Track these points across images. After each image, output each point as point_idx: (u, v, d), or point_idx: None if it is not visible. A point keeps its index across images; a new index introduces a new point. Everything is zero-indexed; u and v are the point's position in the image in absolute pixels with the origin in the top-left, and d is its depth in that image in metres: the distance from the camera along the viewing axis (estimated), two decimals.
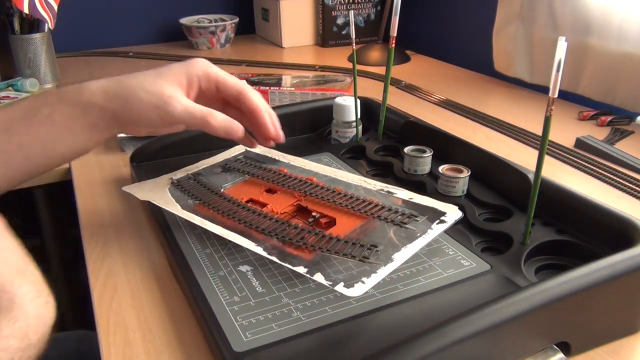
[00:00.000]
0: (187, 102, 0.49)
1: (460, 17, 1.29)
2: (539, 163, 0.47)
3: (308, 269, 0.43)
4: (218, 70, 0.52)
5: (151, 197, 0.55)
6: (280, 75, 1.07)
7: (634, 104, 0.84)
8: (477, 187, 0.58)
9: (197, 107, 0.49)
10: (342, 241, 0.46)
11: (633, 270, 0.40)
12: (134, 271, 0.51)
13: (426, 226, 0.48)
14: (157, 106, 0.48)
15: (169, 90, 0.48)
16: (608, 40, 0.86)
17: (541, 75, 1.00)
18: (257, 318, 0.41)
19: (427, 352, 0.33)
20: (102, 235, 0.57)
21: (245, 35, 1.52)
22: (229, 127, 0.50)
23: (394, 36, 0.63)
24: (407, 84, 1.08)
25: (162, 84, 0.49)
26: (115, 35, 1.43)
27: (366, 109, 0.74)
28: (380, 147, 0.70)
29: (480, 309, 0.36)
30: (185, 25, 1.38)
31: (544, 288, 0.37)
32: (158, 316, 0.45)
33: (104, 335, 0.43)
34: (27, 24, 1.03)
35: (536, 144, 0.78)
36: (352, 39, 0.66)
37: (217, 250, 0.49)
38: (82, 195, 0.66)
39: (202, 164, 0.63)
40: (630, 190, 0.65)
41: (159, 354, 0.41)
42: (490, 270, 0.46)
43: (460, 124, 0.88)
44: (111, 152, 0.78)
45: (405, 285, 0.44)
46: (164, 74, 0.50)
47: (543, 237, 0.49)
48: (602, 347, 0.42)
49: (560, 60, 0.41)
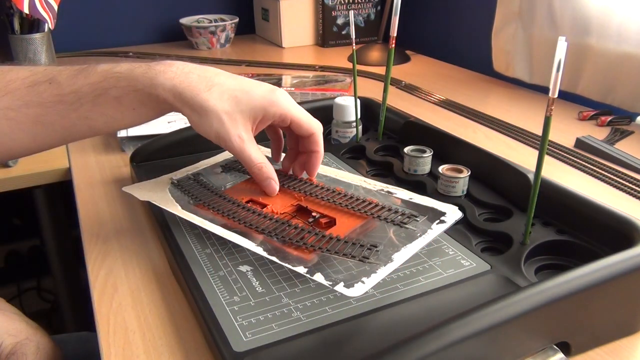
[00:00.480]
0: (248, 146, 0.50)
1: (460, 17, 1.29)
2: (539, 163, 0.47)
3: (308, 269, 0.43)
4: (297, 111, 0.52)
5: (151, 197, 0.55)
6: (280, 75, 1.07)
7: (633, 104, 0.84)
8: (477, 187, 0.58)
9: (253, 157, 0.51)
10: (342, 241, 0.46)
11: (633, 270, 0.40)
12: (134, 271, 0.51)
13: (426, 226, 0.48)
14: (219, 136, 0.50)
15: (239, 127, 0.50)
16: (607, 40, 0.86)
17: (540, 76, 1.00)
18: (257, 318, 0.41)
19: (427, 352, 0.33)
20: (102, 235, 0.57)
21: (245, 35, 1.52)
22: (267, 186, 0.53)
23: (394, 36, 0.63)
24: (407, 84, 1.08)
25: (236, 116, 0.49)
26: (115, 35, 1.43)
27: (366, 109, 0.74)
28: (380, 147, 0.70)
29: (480, 309, 0.36)
30: (185, 25, 1.38)
31: (544, 288, 0.37)
32: (158, 316, 0.45)
33: (104, 335, 0.43)
34: (27, 24, 1.03)
35: (536, 144, 0.78)
36: (352, 39, 0.66)
37: (217, 250, 0.49)
38: (82, 195, 0.66)
39: (202, 164, 0.63)
40: (630, 190, 0.65)
41: (159, 354, 0.41)
42: (490, 270, 0.46)
43: (460, 124, 0.88)
44: (111, 152, 0.78)
45: (405, 285, 0.44)
46: (243, 104, 0.49)
47: (543, 237, 0.49)
48: (602, 347, 0.42)
49: (561, 60, 0.41)
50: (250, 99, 0.50)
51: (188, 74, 0.49)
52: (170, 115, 0.85)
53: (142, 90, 0.48)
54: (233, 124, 0.49)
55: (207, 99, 0.48)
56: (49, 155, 0.79)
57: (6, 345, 0.52)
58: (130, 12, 1.43)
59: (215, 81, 0.49)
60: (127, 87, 0.48)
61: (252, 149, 0.51)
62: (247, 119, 0.50)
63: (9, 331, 0.53)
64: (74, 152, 0.79)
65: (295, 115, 0.52)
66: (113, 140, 0.81)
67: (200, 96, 0.48)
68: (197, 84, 0.49)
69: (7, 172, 0.75)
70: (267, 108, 0.50)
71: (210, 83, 0.49)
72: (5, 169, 0.76)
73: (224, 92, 0.49)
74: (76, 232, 0.60)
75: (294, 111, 0.52)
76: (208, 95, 0.48)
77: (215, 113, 0.48)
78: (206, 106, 0.48)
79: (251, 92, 0.50)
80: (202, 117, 0.49)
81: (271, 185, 0.53)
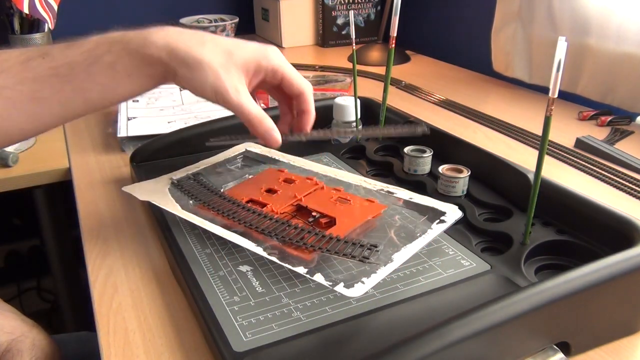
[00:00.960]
0: (245, 99, 0.50)
1: (460, 17, 1.29)
2: (539, 163, 0.47)
3: (308, 269, 0.43)
4: (288, 67, 0.53)
5: (151, 197, 0.55)
6: None
7: (633, 104, 0.84)
8: (477, 187, 0.58)
9: (251, 109, 0.50)
10: (342, 241, 0.46)
11: (633, 270, 0.40)
12: (134, 271, 0.51)
13: (426, 226, 0.48)
14: (216, 90, 0.49)
15: (234, 79, 0.49)
16: (607, 40, 0.86)
17: (540, 76, 1.00)
18: (257, 318, 0.41)
19: (427, 352, 0.33)
20: (102, 235, 0.57)
21: (245, 35, 1.52)
22: (269, 137, 0.51)
23: (394, 36, 0.63)
24: (407, 84, 1.08)
25: (230, 68, 0.49)
26: None
27: (366, 109, 0.74)
28: (380, 147, 0.70)
29: (480, 309, 0.36)
30: (186, 25, 1.38)
31: (544, 288, 0.37)
32: (158, 316, 0.45)
33: (104, 335, 0.43)
34: (27, 24, 1.03)
35: (536, 144, 0.78)
36: (352, 39, 0.66)
37: (217, 250, 0.49)
38: (82, 195, 0.66)
39: (202, 164, 0.63)
40: (630, 190, 0.65)
41: (159, 354, 0.41)
42: (490, 270, 0.46)
43: (460, 124, 0.88)
44: (111, 152, 0.78)
45: (405, 285, 0.44)
46: (236, 56, 0.50)
47: (543, 237, 0.49)
48: (602, 347, 0.42)
49: (560, 60, 0.41)
50: (244, 51, 0.50)
51: (181, 32, 0.49)
52: (170, 115, 0.85)
53: (136, 51, 0.47)
54: (229, 77, 0.49)
55: (201, 52, 0.48)
56: (49, 155, 0.80)
57: (1, 342, 0.52)
58: (130, 12, 1.43)
59: (207, 37, 0.50)
60: (121, 51, 0.47)
61: (250, 102, 0.50)
62: (242, 71, 0.50)
63: (4, 329, 0.53)
64: (74, 152, 0.79)
65: (286, 71, 0.53)
66: (113, 140, 0.81)
67: (194, 49, 0.48)
68: (189, 40, 0.49)
69: (7, 172, 0.75)
70: (260, 60, 0.51)
71: (203, 39, 0.49)
72: (5, 169, 0.76)
73: (217, 45, 0.49)
74: (76, 232, 0.60)
75: (285, 67, 0.53)
76: (202, 49, 0.48)
77: (210, 66, 0.48)
78: (200, 59, 0.48)
79: (244, 46, 0.51)
80: (197, 72, 0.48)
81: (273, 136, 0.51)
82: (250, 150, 0.66)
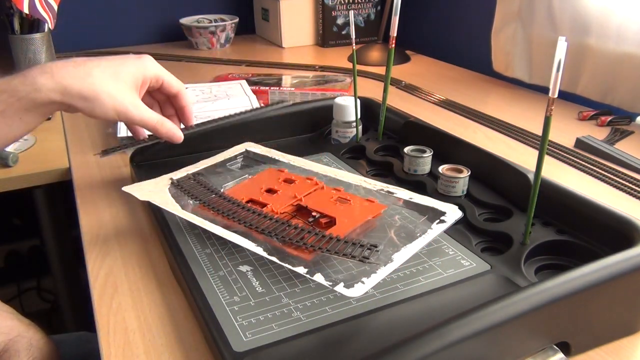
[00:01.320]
0: (144, 110, 0.55)
1: (460, 17, 1.29)
2: (539, 163, 0.47)
3: (308, 269, 0.43)
4: (165, 72, 0.60)
5: (151, 197, 0.55)
6: (280, 75, 1.07)
7: (633, 104, 0.84)
8: (477, 187, 0.58)
9: (151, 116, 0.56)
10: (342, 241, 0.46)
11: (633, 270, 0.40)
12: (134, 271, 0.51)
13: (426, 226, 0.48)
14: (118, 112, 0.53)
15: (129, 96, 0.54)
16: (607, 40, 0.86)
17: (540, 76, 1.00)
18: (257, 318, 0.41)
19: (427, 352, 0.33)
20: (102, 235, 0.57)
21: (245, 35, 1.52)
22: (172, 135, 0.59)
23: (394, 36, 0.63)
24: (407, 84, 1.08)
25: (123, 88, 0.54)
26: (115, 35, 1.43)
27: (366, 109, 0.74)
28: (380, 147, 0.70)
29: (480, 309, 0.36)
30: (185, 25, 1.38)
31: (544, 288, 0.37)
32: (158, 316, 0.45)
33: (104, 335, 0.43)
34: (27, 24, 1.03)
35: (536, 144, 0.78)
36: (352, 39, 0.66)
37: (217, 250, 0.49)
38: (82, 195, 0.66)
39: (202, 164, 0.63)
40: (630, 190, 0.65)
41: (159, 354, 0.41)
42: (490, 270, 0.46)
43: (460, 124, 0.88)
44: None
45: (405, 285, 0.44)
46: (123, 74, 0.54)
47: (543, 237, 0.49)
48: (602, 347, 0.42)
49: (560, 60, 0.41)
50: (128, 69, 0.55)
51: (63, 68, 0.51)
52: None
53: (25, 97, 0.50)
54: (124, 96, 0.53)
55: (92, 82, 0.52)
56: (49, 155, 0.80)
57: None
58: (130, 12, 1.43)
59: (92, 65, 0.53)
60: (9, 99, 0.50)
61: (148, 112, 0.56)
62: (132, 87, 0.55)
63: (0, 329, 0.53)
64: (74, 152, 0.79)
65: (165, 75, 0.60)
66: (113, 140, 0.81)
67: (86, 82, 0.51)
68: (77, 74, 0.51)
69: (7, 172, 0.75)
70: (144, 73, 0.57)
71: (88, 69, 0.52)
72: (5, 169, 0.76)
73: (103, 71, 0.53)
74: (76, 232, 0.60)
75: (163, 73, 0.60)
76: (92, 80, 0.52)
77: (106, 93, 0.52)
78: (94, 90, 0.51)
79: (125, 64, 0.55)
80: (95, 102, 0.52)
81: (175, 135, 0.59)
82: (250, 150, 0.66)
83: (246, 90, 0.92)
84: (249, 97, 0.89)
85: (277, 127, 0.75)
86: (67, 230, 0.97)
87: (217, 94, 0.91)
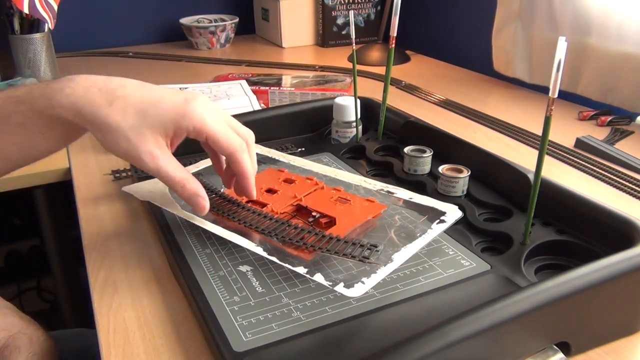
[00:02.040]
0: (164, 164, 0.45)
1: (460, 17, 1.29)
2: (539, 163, 0.47)
3: (308, 269, 0.43)
4: (214, 125, 0.46)
5: (151, 197, 0.55)
6: (280, 75, 1.07)
7: (633, 104, 0.84)
8: (477, 187, 0.58)
9: (171, 173, 0.45)
10: (342, 241, 0.46)
11: (633, 270, 0.40)
12: (134, 271, 0.51)
13: (426, 226, 0.48)
14: (128, 155, 0.45)
15: (149, 143, 0.44)
16: (607, 40, 0.86)
17: (540, 76, 1.00)
18: (257, 318, 0.41)
19: (427, 352, 0.33)
20: (102, 235, 0.57)
21: (245, 35, 1.52)
22: (194, 203, 0.47)
23: (394, 36, 0.63)
24: (407, 84, 1.08)
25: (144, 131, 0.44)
26: (115, 35, 1.43)
27: (366, 109, 0.74)
28: (380, 147, 0.70)
29: (480, 309, 0.36)
30: (185, 25, 1.38)
31: (544, 288, 0.37)
32: (158, 316, 0.45)
33: (104, 335, 0.43)
34: (27, 24, 1.03)
35: (536, 144, 0.78)
36: (352, 39, 0.66)
37: (217, 250, 0.49)
38: (82, 195, 0.66)
39: (202, 164, 0.63)
40: (630, 190, 0.65)
41: (159, 354, 0.41)
42: (490, 270, 0.46)
43: (460, 124, 0.88)
44: None
45: (405, 285, 0.44)
46: (151, 117, 0.44)
47: (543, 237, 0.49)
48: (602, 347, 0.42)
49: (560, 60, 0.41)
50: (159, 111, 0.44)
51: (88, 88, 0.44)
52: None
53: (42, 112, 0.44)
54: (142, 141, 0.44)
55: (107, 114, 0.43)
56: (49, 156, 0.79)
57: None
58: (130, 12, 1.43)
59: (119, 94, 0.44)
60: (28, 111, 0.44)
61: (170, 165, 0.45)
62: (158, 133, 0.44)
63: (0, 325, 0.53)
64: (74, 152, 0.79)
65: (211, 129, 0.45)
66: None
67: (101, 112, 0.43)
68: (97, 99, 0.44)
69: None
70: (178, 121, 0.44)
71: (113, 96, 0.44)
72: None
73: (128, 105, 0.44)
74: (76, 232, 0.60)
75: (210, 125, 0.45)
76: (109, 111, 0.43)
77: (120, 130, 0.43)
78: (108, 122, 0.43)
79: (160, 103, 0.45)
80: (107, 135, 0.44)
81: (199, 203, 0.46)
82: None
83: (246, 90, 0.92)
84: (249, 97, 0.89)
85: (277, 127, 0.75)
86: (67, 230, 0.97)
87: (217, 94, 0.91)
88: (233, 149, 0.47)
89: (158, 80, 0.49)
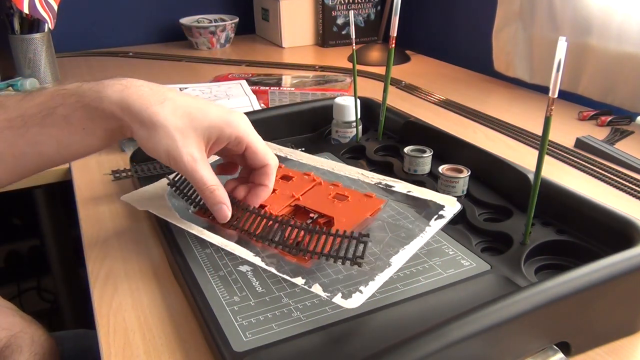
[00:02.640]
0: (201, 168, 0.47)
1: (460, 17, 1.29)
2: (539, 163, 0.47)
3: (305, 280, 0.43)
4: (254, 137, 0.49)
5: (150, 205, 0.54)
6: (280, 75, 1.07)
7: (634, 104, 0.84)
8: (477, 187, 0.58)
9: (206, 178, 0.47)
10: (335, 235, 0.46)
11: (633, 270, 0.40)
12: (134, 271, 0.51)
13: (424, 223, 0.48)
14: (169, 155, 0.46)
15: (191, 145, 0.46)
16: (608, 40, 0.86)
17: (541, 76, 1.00)
18: (257, 318, 0.41)
19: (427, 352, 0.33)
20: (102, 235, 0.57)
21: (245, 35, 1.52)
22: (218, 211, 0.48)
23: (394, 36, 0.63)
24: (407, 84, 1.08)
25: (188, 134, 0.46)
26: (115, 35, 1.43)
27: (366, 109, 0.74)
28: (380, 147, 0.70)
29: (480, 309, 0.36)
30: (185, 25, 1.38)
31: (544, 288, 0.37)
32: (158, 316, 0.45)
33: (104, 335, 0.43)
34: (27, 24, 1.03)
35: (536, 144, 0.78)
36: (352, 39, 0.66)
37: (217, 250, 0.49)
38: (82, 195, 0.66)
39: None
40: (630, 190, 0.65)
41: (159, 354, 0.41)
42: (490, 270, 0.46)
43: (460, 124, 0.88)
44: (111, 152, 0.78)
45: (405, 285, 0.44)
46: (197, 121, 0.46)
47: (543, 237, 0.49)
48: (602, 347, 0.42)
49: (561, 60, 0.41)
50: (206, 116, 0.47)
51: (139, 87, 0.46)
52: None
53: (89, 104, 0.45)
54: (185, 142, 0.46)
55: (157, 112, 0.45)
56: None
57: (0, 338, 0.52)
58: (130, 12, 1.43)
59: (169, 96, 0.46)
60: (75, 104, 0.45)
61: (205, 170, 0.47)
62: (201, 137, 0.47)
63: (2, 325, 0.53)
64: None
65: (252, 140, 0.49)
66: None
67: (151, 109, 0.45)
68: (147, 96, 0.45)
69: None
70: (223, 128, 0.47)
71: (163, 97, 0.46)
72: None
73: (178, 107, 0.46)
74: (76, 232, 0.60)
75: (251, 136, 0.49)
76: (159, 109, 0.45)
77: (166, 128, 0.45)
78: (156, 120, 0.45)
79: (207, 110, 0.47)
80: (151, 132, 0.45)
81: (222, 211, 0.48)
82: None
83: (246, 90, 0.92)
84: (249, 97, 0.89)
85: (277, 127, 0.75)
86: (67, 230, 0.97)
87: (217, 94, 0.91)
88: (267, 163, 0.50)
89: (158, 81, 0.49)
